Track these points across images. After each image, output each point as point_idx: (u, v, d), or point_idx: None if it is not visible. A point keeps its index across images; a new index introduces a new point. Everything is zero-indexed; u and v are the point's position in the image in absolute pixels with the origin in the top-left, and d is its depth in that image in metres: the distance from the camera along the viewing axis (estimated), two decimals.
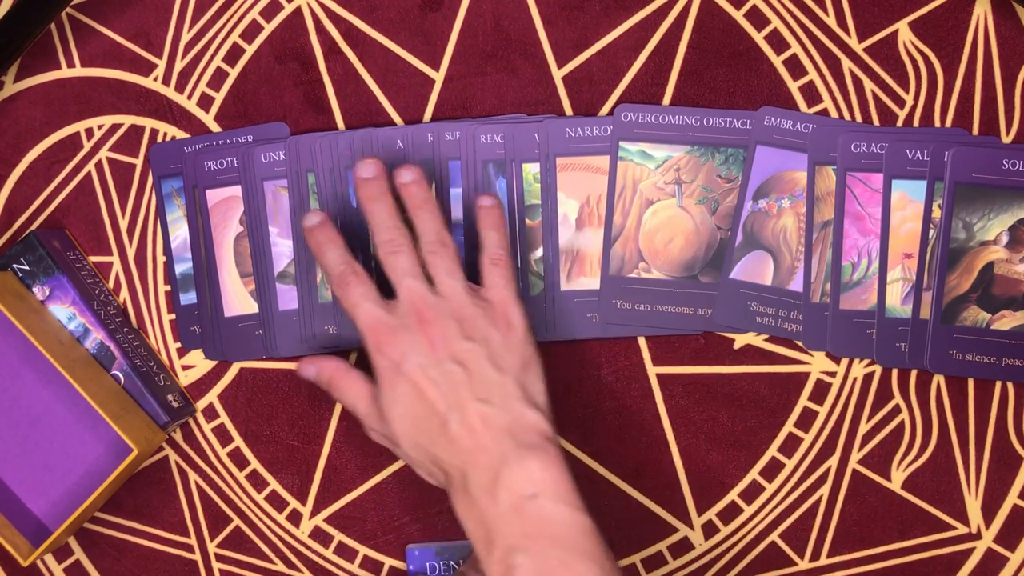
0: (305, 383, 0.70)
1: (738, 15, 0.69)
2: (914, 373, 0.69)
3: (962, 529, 0.69)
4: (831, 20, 0.69)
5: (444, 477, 0.59)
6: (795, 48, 0.69)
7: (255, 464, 0.71)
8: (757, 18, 0.69)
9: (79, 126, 0.72)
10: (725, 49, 0.69)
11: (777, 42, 0.69)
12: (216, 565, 0.71)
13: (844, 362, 0.69)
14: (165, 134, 0.71)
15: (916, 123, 0.68)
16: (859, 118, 0.68)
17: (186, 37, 0.71)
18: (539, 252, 0.69)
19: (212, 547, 0.71)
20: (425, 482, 0.70)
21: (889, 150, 0.66)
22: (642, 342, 0.69)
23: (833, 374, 0.69)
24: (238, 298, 0.70)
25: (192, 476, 0.71)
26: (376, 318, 0.60)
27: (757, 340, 0.69)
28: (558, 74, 0.70)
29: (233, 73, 0.71)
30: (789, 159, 0.67)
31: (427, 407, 0.58)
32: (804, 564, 0.69)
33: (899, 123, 0.68)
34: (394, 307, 0.61)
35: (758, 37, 0.69)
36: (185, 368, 0.71)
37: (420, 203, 0.63)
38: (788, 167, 0.67)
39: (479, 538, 0.57)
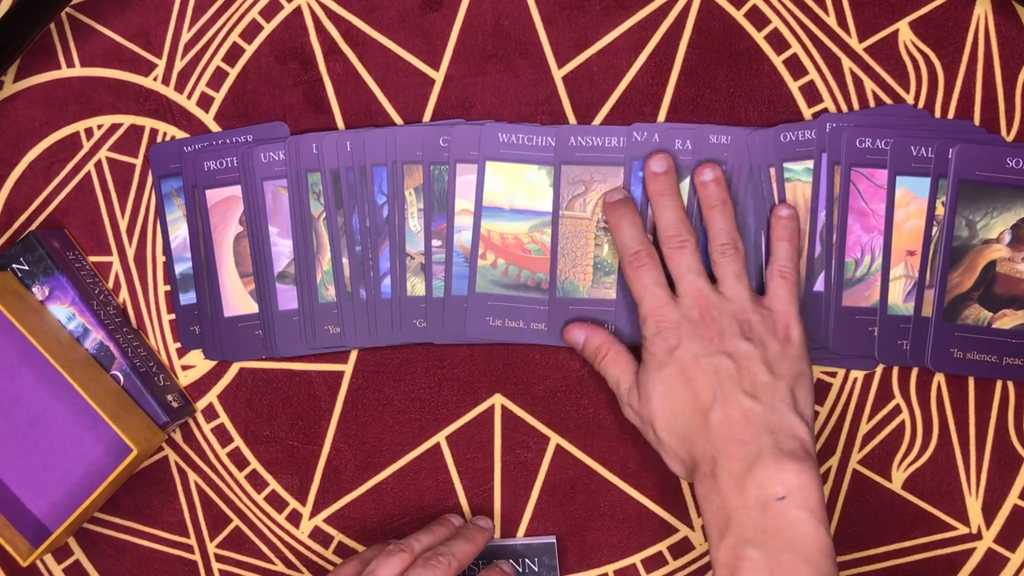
0: (306, 383, 0.70)
1: (738, 15, 0.69)
2: (914, 373, 0.69)
3: (962, 529, 0.69)
4: (831, 20, 0.69)
5: (691, 463, 0.60)
6: (795, 48, 0.69)
7: (255, 464, 0.71)
8: (757, 18, 0.69)
9: (79, 126, 0.71)
10: (725, 49, 0.69)
11: (777, 42, 0.69)
12: (216, 565, 0.71)
13: None
14: (165, 134, 0.71)
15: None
16: None
17: (186, 37, 0.71)
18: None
19: (212, 547, 0.71)
20: (424, 483, 0.70)
21: (893, 146, 0.66)
22: None
23: (833, 374, 0.69)
24: (238, 298, 0.70)
25: (192, 476, 0.71)
26: (662, 302, 0.62)
27: None
28: (558, 74, 0.70)
29: (233, 73, 0.71)
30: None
31: (691, 393, 0.60)
32: None
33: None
34: (678, 300, 0.62)
35: (758, 37, 0.69)
36: (185, 368, 0.71)
37: (717, 202, 0.65)
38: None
39: (715, 523, 0.58)
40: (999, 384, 0.68)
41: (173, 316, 0.71)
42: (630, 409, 0.64)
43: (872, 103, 0.69)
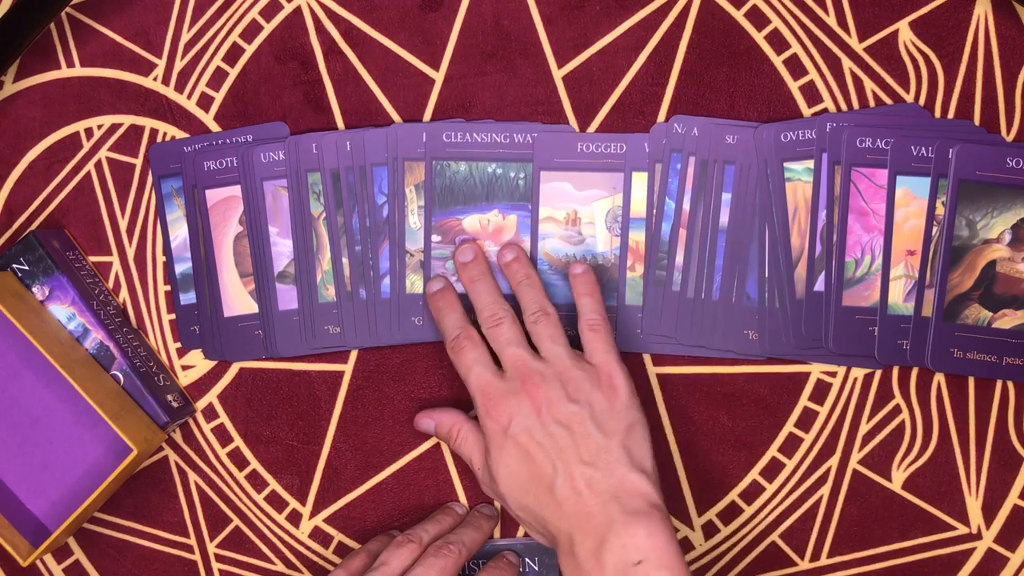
0: (306, 383, 0.70)
1: (738, 15, 0.69)
2: (914, 373, 0.69)
3: (962, 529, 0.68)
4: (831, 20, 0.69)
5: (550, 537, 0.61)
6: (795, 48, 0.69)
7: (255, 464, 0.71)
8: (757, 18, 0.69)
9: (79, 126, 0.71)
10: (725, 49, 0.69)
11: (777, 42, 0.69)
12: (216, 565, 0.71)
13: None
14: (165, 134, 0.71)
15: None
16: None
17: (186, 37, 0.71)
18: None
19: (212, 547, 0.71)
20: (424, 483, 0.70)
21: (894, 146, 0.66)
22: None
23: (833, 374, 0.69)
24: (238, 298, 0.70)
25: (192, 476, 0.71)
26: (486, 382, 0.63)
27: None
28: (558, 74, 0.70)
29: (233, 73, 0.71)
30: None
31: (533, 470, 0.61)
32: (804, 564, 0.69)
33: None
34: (502, 373, 0.63)
35: (758, 37, 0.69)
36: (185, 368, 0.71)
37: (522, 278, 0.66)
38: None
39: None
40: (999, 384, 0.68)
41: (173, 316, 0.71)
42: (485, 486, 0.65)
43: (872, 103, 0.69)
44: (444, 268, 0.69)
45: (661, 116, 0.69)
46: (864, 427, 0.69)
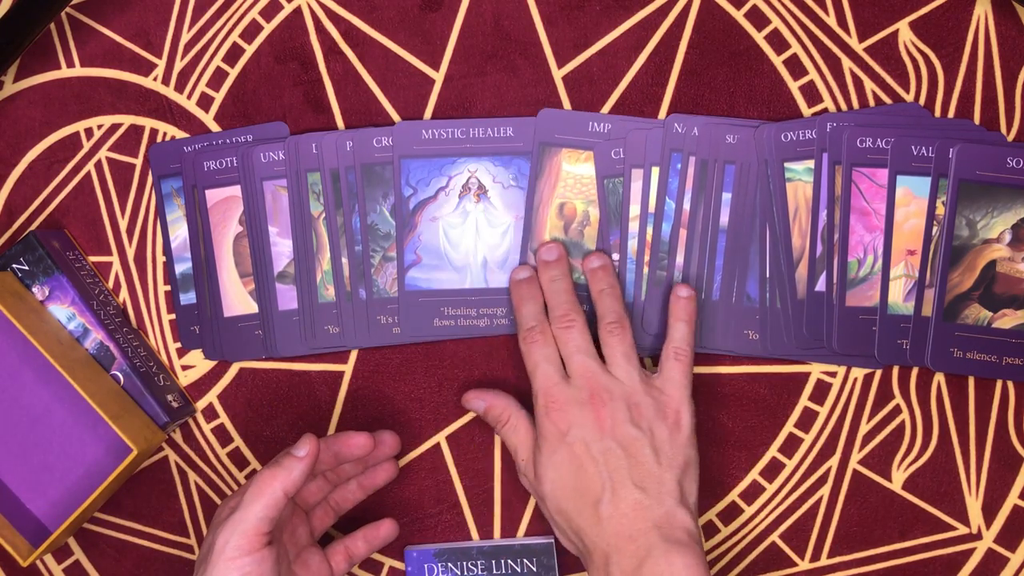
0: (306, 383, 0.70)
1: (738, 15, 0.69)
2: (915, 373, 0.69)
3: (962, 529, 0.68)
4: (831, 20, 0.69)
5: (583, 549, 0.61)
6: (795, 48, 0.69)
7: (255, 464, 0.71)
8: (757, 18, 0.69)
9: (79, 126, 0.71)
10: (725, 49, 0.69)
11: (777, 42, 0.69)
12: None
13: None
14: (165, 134, 0.71)
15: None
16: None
17: (186, 37, 0.71)
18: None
19: None
20: (424, 483, 0.70)
21: (894, 146, 0.66)
22: None
23: (833, 374, 0.69)
24: (238, 298, 0.70)
25: (192, 476, 0.71)
26: (553, 382, 0.63)
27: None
28: (558, 74, 0.70)
29: (233, 73, 0.71)
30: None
31: (583, 480, 0.61)
32: (805, 564, 0.69)
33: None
34: (569, 378, 0.63)
35: (758, 37, 0.69)
36: (185, 368, 0.71)
37: (605, 287, 0.66)
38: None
39: None
40: (999, 384, 0.68)
41: (173, 316, 0.71)
42: (525, 479, 0.65)
43: (872, 103, 0.69)
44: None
45: (661, 116, 0.69)
46: (864, 427, 0.69)
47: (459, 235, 0.69)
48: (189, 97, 0.71)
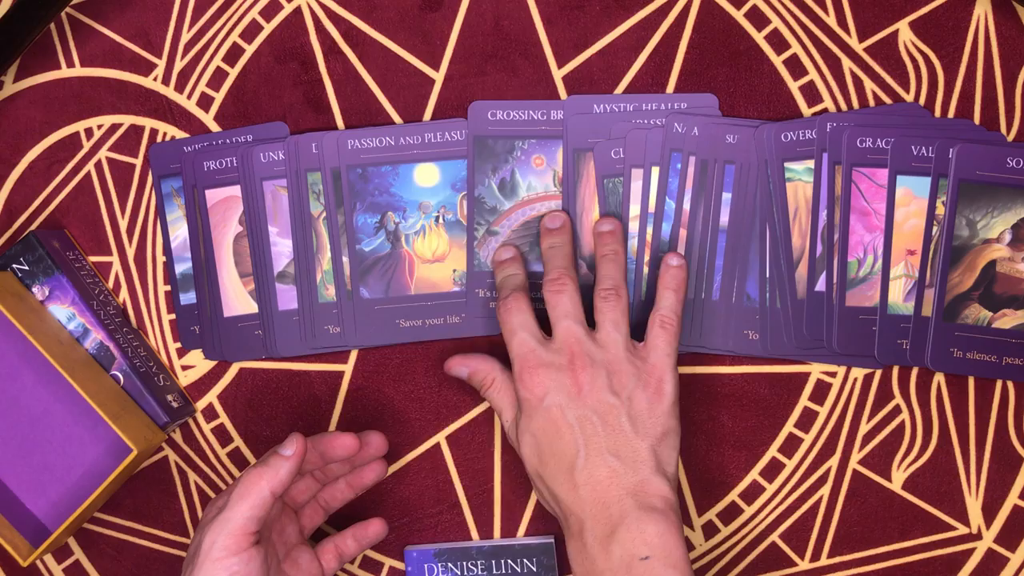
0: (306, 383, 0.70)
1: (738, 15, 0.69)
2: (914, 373, 0.69)
3: (962, 529, 0.68)
4: (831, 20, 0.69)
5: (560, 514, 0.61)
6: (795, 48, 0.69)
7: None
8: (757, 18, 0.69)
9: (79, 126, 0.71)
10: (725, 49, 0.69)
11: (777, 42, 0.69)
12: None
13: None
14: (165, 134, 0.71)
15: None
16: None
17: (186, 37, 0.71)
18: None
19: None
20: (424, 483, 0.70)
21: (894, 146, 0.66)
22: None
23: (833, 374, 0.69)
24: (237, 298, 0.70)
25: (192, 476, 0.71)
26: (529, 348, 0.62)
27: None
28: (558, 74, 0.70)
29: (233, 73, 0.71)
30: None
31: (558, 446, 0.60)
32: (804, 564, 0.69)
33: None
34: (549, 343, 0.62)
35: (758, 37, 0.69)
36: (185, 368, 0.71)
37: (609, 252, 0.66)
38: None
39: None
40: (999, 384, 0.68)
41: (173, 316, 0.71)
42: (512, 440, 0.65)
43: (872, 103, 0.69)
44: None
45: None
46: (864, 427, 0.69)
47: None
48: (189, 97, 0.71)
